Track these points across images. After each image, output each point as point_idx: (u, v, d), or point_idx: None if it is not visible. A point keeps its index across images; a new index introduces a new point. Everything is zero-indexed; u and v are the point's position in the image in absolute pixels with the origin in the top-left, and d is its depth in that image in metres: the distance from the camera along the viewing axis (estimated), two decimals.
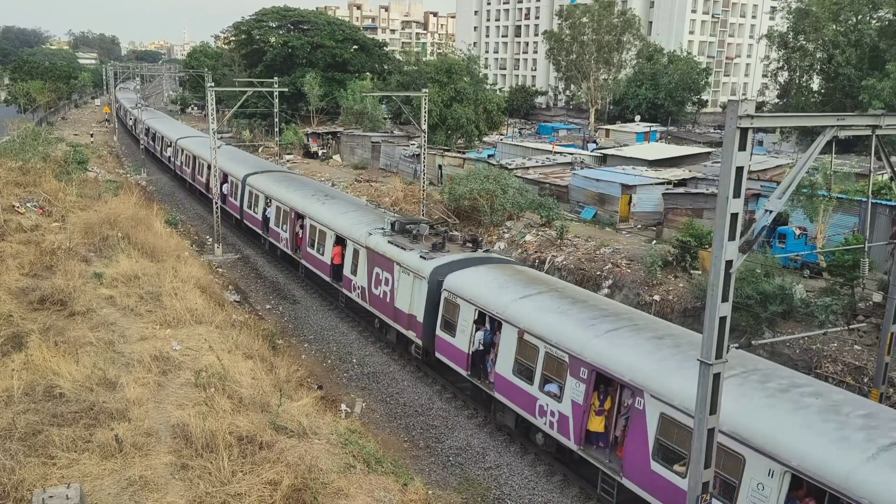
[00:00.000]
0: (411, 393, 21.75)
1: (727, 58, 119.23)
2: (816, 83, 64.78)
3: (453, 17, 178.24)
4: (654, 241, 33.19)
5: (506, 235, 35.32)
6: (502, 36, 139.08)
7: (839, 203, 27.61)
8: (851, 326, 20.85)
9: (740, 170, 9.76)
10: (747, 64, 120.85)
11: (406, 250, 23.28)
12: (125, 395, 14.71)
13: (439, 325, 21.18)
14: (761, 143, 68.91)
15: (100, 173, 46.83)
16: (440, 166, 49.73)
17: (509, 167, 44.08)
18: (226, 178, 39.80)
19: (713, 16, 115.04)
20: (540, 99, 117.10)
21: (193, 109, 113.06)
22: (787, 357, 21.78)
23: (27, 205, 30.44)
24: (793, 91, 65.41)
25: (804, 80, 64.60)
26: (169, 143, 57.58)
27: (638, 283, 27.99)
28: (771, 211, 10.35)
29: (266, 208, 34.79)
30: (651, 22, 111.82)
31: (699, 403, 10.69)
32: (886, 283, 20.23)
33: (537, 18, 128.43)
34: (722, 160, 9.92)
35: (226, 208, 39.40)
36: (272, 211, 33.98)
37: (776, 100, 72.30)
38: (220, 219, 36.11)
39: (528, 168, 46.49)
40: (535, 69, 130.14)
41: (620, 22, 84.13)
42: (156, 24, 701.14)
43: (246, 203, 37.54)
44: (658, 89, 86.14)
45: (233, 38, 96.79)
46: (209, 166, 38.64)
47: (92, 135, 73.52)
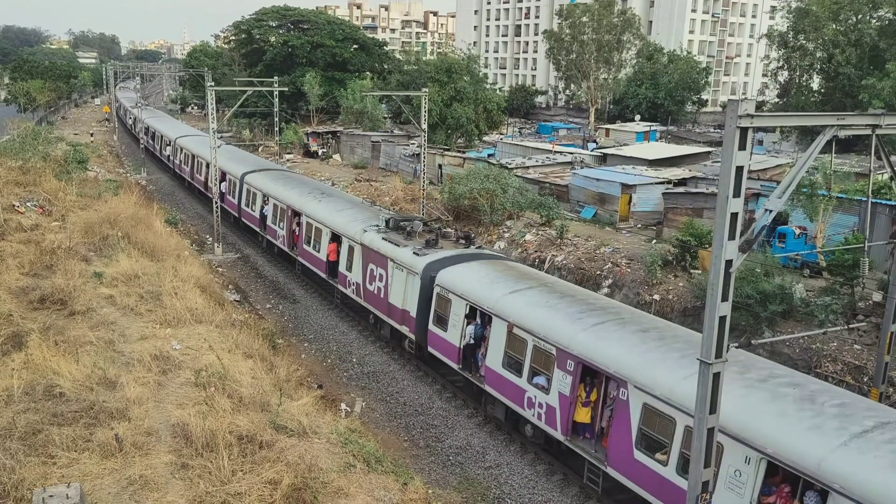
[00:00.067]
0: (411, 392, 21.77)
1: (727, 57, 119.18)
2: (816, 83, 64.77)
3: (453, 17, 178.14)
4: (654, 241, 33.18)
5: (506, 235, 35.33)
6: (502, 35, 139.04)
7: (839, 202, 27.62)
8: (851, 326, 20.90)
9: (740, 169, 9.78)
10: (747, 63, 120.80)
11: (400, 247, 23.45)
12: (125, 395, 14.72)
13: (432, 320, 21.38)
14: (761, 143, 68.91)
15: (100, 172, 46.84)
16: (440, 166, 49.74)
17: (509, 167, 44.08)
18: (224, 177, 39.88)
19: (713, 15, 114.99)
20: (540, 98, 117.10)
21: (193, 109, 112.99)
22: (787, 356, 21.78)
23: (27, 204, 30.43)
24: (793, 90, 65.37)
25: (804, 80, 64.58)
26: (168, 143, 57.63)
27: (638, 283, 28.00)
28: (771, 210, 10.35)
29: (263, 206, 34.93)
30: (651, 21, 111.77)
31: (699, 403, 10.70)
32: (886, 283, 20.26)
33: (537, 18, 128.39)
34: (722, 159, 9.94)
35: (224, 206, 39.47)
36: (269, 209, 34.14)
37: (776, 99, 72.23)
38: (220, 218, 36.17)
39: (528, 167, 46.46)
40: (535, 68, 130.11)
41: (620, 21, 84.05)
42: (156, 24, 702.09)
43: (244, 201, 37.67)
44: (658, 89, 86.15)
45: (233, 38, 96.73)
46: (208, 165, 38.67)
47: (92, 134, 73.50)
